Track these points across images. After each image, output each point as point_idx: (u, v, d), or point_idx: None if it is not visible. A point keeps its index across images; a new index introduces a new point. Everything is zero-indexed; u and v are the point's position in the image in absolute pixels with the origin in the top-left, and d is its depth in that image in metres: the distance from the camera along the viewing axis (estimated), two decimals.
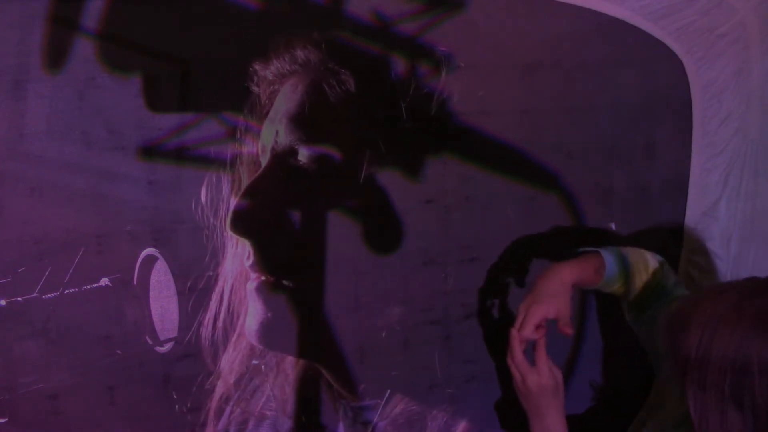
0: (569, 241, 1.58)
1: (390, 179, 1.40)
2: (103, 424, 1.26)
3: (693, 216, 1.70)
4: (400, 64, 1.33)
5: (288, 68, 1.25)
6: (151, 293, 1.26)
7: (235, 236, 1.26)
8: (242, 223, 1.26)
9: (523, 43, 1.46)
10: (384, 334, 1.41)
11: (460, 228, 1.49)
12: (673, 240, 1.71)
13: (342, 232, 1.37)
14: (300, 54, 1.24)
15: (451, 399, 1.54)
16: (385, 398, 1.44)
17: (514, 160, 1.50)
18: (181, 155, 1.24)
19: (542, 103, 1.51)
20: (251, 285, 1.29)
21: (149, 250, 1.24)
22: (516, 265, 1.52)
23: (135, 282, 1.24)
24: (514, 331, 1.18)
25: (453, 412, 1.53)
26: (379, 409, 1.43)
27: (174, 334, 1.28)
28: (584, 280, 1.24)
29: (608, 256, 1.25)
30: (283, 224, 1.30)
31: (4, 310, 1.15)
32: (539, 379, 1.15)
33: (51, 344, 1.19)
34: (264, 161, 1.28)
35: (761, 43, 1.59)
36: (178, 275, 1.27)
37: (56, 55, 1.13)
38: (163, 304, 1.27)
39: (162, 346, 1.28)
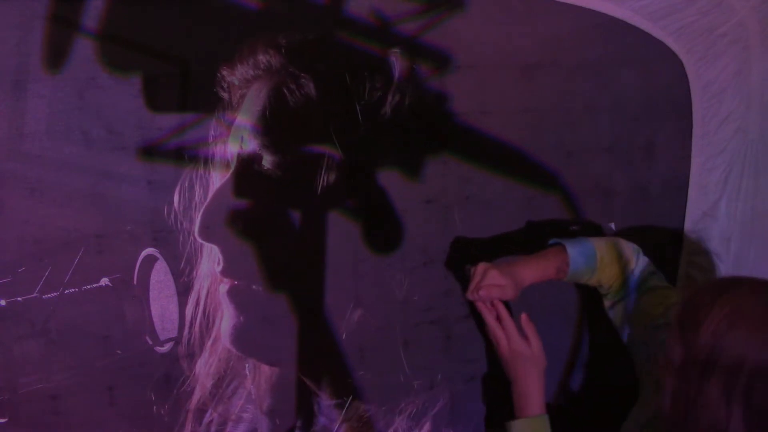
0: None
1: (390, 179, 1.40)
2: (103, 424, 1.26)
3: (693, 216, 1.70)
4: (355, 67, 1.32)
5: (252, 73, 1.25)
6: (151, 293, 1.26)
7: (203, 243, 1.27)
8: (209, 230, 1.26)
9: (523, 43, 1.46)
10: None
11: (460, 228, 1.49)
12: (673, 240, 1.71)
13: (341, 232, 1.38)
14: (262, 58, 1.25)
15: (451, 399, 1.54)
16: (354, 394, 1.44)
17: (514, 160, 1.51)
18: (181, 155, 1.24)
19: (542, 103, 1.51)
20: (223, 288, 1.30)
21: (149, 250, 1.24)
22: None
23: (135, 282, 1.24)
24: (472, 297, 1.24)
25: (432, 411, 1.53)
26: (345, 407, 1.44)
27: (174, 334, 1.28)
28: (544, 279, 1.27)
29: (574, 252, 1.26)
30: (251, 230, 1.31)
31: (4, 310, 1.15)
32: (509, 344, 1.20)
33: (51, 344, 1.19)
34: (232, 166, 1.28)
35: (761, 43, 1.59)
36: (177, 275, 1.27)
37: (56, 55, 1.13)
38: (163, 304, 1.27)
39: (162, 346, 1.28)
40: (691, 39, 1.56)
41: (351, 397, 1.44)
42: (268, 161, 1.29)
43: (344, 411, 1.44)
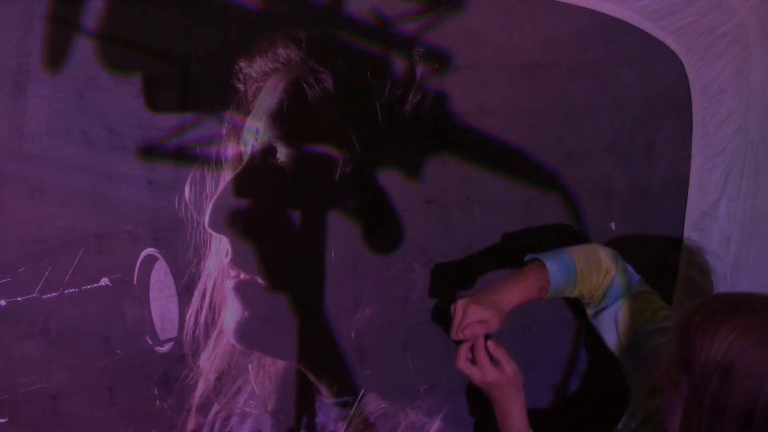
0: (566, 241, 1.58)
1: (390, 179, 1.40)
2: (103, 424, 1.26)
3: (693, 216, 1.70)
4: (377, 64, 1.32)
5: (270, 66, 1.25)
6: (151, 293, 1.26)
7: (213, 233, 1.27)
8: (220, 221, 1.27)
9: (523, 43, 1.46)
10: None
11: (460, 228, 1.49)
12: (672, 240, 1.71)
13: (341, 232, 1.38)
14: (282, 52, 1.25)
15: (451, 399, 1.54)
16: (360, 395, 1.45)
17: (514, 160, 1.50)
18: (181, 155, 1.24)
19: (542, 103, 1.51)
20: (229, 283, 1.30)
21: (149, 250, 1.25)
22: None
23: (135, 282, 1.24)
24: (457, 337, 1.18)
25: (445, 412, 1.53)
26: (354, 406, 1.44)
27: (174, 334, 1.28)
28: (527, 300, 1.22)
29: (554, 268, 1.21)
30: (262, 222, 1.31)
31: (4, 310, 1.15)
32: (483, 377, 1.15)
33: (51, 344, 1.19)
34: (246, 158, 1.28)
35: (761, 43, 1.59)
36: (177, 275, 1.27)
37: (56, 55, 1.13)
38: (163, 304, 1.27)
39: (162, 346, 1.28)
40: (691, 39, 1.56)
41: (354, 398, 1.44)
42: (282, 154, 1.29)
43: (349, 412, 1.44)
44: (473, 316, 1.16)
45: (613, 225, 1.63)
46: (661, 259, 1.71)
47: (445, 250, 1.49)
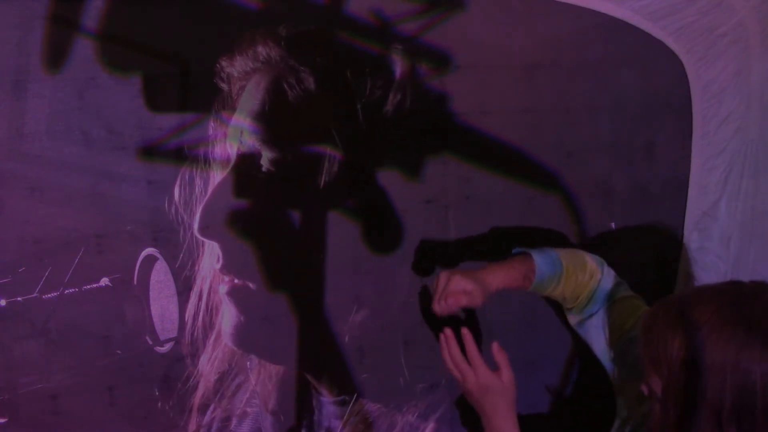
0: (566, 242, 1.58)
1: (390, 179, 1.40)
2: (103, 424, 1.26)
3: (693, 216, 1.70)
4: (357, 63, 1.32)
5: (251, 65, 1.25)
6: (151, 293, 1.26)
7: (203, 239, 1.27)
8: (209, 227, 1.26)
9: (523, 43, 1.46)
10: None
11: (460, 228, 1.49)
12: (673, 240, 1.71)
13: (341, 232, 1.38)
14: (261, 50, 1.24)
15: (449, 399, 1.54)
16: (356, 395, 1.45)
17: (514, 160, 1.50)
18: (181, 155, 1.24)
19: (542, 103, 1.51)
20: (223, 288, 1.30)
21: (149, 250, 1.25)
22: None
23: (135, 282, 1.24)
24: (439, 308, 1.14)
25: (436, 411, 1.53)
26: (350, 405, 1.44)
27: (174, 334, 1.28)
28: (511, 286, 1.19)
29: (540, 260, 1.19)
30: (253, 224, 1.31)
31: (4, 310, 1.15)
32: (477, 379, 1.08)
33: (51, 344, 1.19)
34: (232, 161, 1.28)
35: (761, 43, 1.59)
36: (177, 275, 1.27)
37: (56, 55, 1.13)
38: (163, 304, 1.27)
39: (162, 346, 1.28)
40: (691, 39, 1.56)
41: (353, 397, 1.44)
42: (266, 158, 1.28)
43: (347, 411, 1.44)
44: (457, 284, 1.12)
45: (613, 225, 1.63)
46: (661, 259, 1.71)
47: (445, 250, 1.49)
